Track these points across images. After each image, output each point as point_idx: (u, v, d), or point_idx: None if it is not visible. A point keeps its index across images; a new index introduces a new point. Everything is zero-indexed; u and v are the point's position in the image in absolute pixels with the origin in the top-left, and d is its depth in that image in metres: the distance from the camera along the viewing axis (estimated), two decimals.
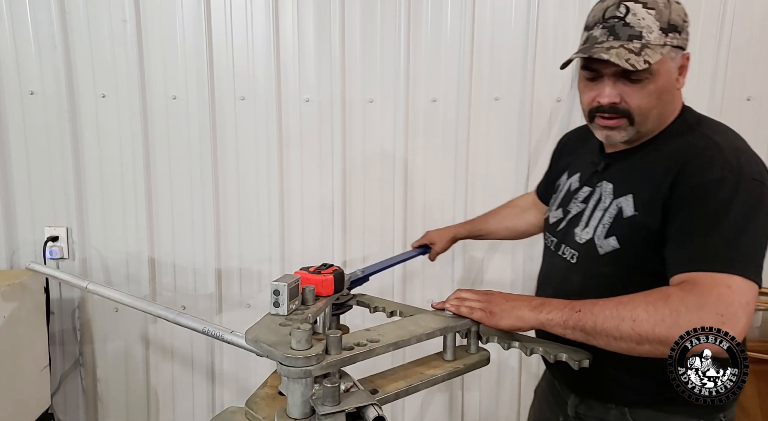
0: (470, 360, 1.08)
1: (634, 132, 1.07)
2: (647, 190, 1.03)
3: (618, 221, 1.06)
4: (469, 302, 1.06)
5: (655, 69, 1.00)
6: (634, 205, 1.04)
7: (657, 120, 1.06)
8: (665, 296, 0.89)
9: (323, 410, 0.83)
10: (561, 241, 1.19)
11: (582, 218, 1.14)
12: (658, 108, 1.05)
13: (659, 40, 1.00)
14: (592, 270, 1.10)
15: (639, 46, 1.00)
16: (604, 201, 1.10)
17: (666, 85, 1.03)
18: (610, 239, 1.06)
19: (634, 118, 1.05)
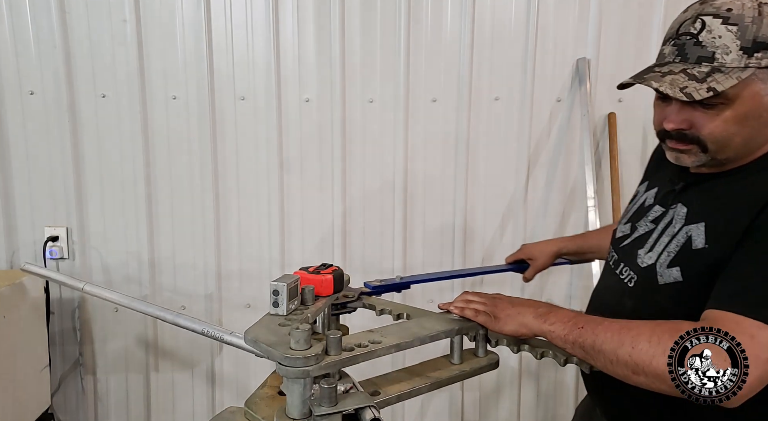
0: (477, 364, 1.06)
1: (709, 159, 0.95)
2: (723, 222, 0.90)
3: (685, 251, 0.93)
4: (475, 305, 1.04)
5: (732, 93, 0.87)
6: (705, 237, 0.91)
7: (742, 148, 0.93)
8: (676, 330, 0.81)
9: (319, 410, 0.83)
10: (621, 259, 1.09)
11: (648, 239, 1.02)
12: (741, 135, 0.91)
13: (738, 61, 0.87)
14: (649, 299, 0.99)
15: (707, 71, 0.88)
16: (674, 226, 0.98)
17: (752, 110, 0.89)
18: (673, 269, 0.94)
19: (707, 146, 0.93)
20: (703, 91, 0.87)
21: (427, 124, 2.13)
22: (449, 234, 2.20)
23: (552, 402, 2.32)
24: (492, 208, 2.19)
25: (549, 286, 2.23)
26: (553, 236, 2.19)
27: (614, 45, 2.07)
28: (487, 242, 2.21)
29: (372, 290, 1.38)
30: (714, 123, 0.90)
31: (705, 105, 0.90)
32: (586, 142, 2.05)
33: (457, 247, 2.19)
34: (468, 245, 2.20)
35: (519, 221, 2.18)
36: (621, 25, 2.07)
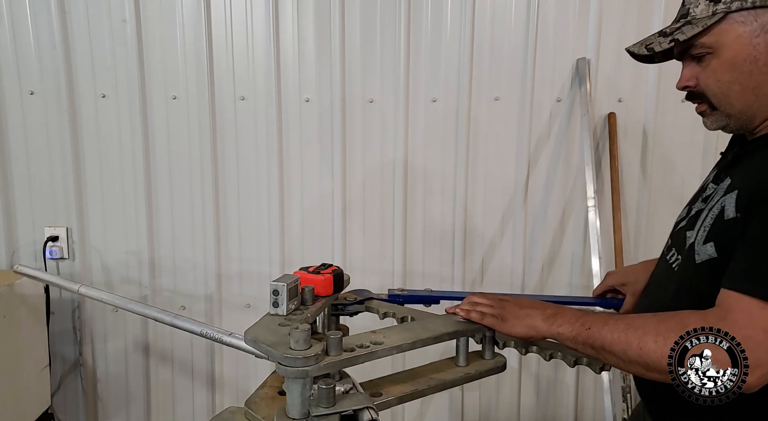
0: (483, 366, 1.05)
1: (725, 118, 0.92)
2: (753, 189, 0.83)
3: (718, 223, 0.87)
4: (481, 307, 1.03)
5: (710, 41, 0.88)
6: (735, 206, 0.85)
7: (749, 101, 0.89)
8: (682, 325, 0.80)
9: (317, 411, 0.82)
10: (673, 244, 1.04)
11: (698, 219, 0.95)
12: (739, 82, 0.88)
13: (706, 11, 0.88)
14: (688, 281, 0.94)
15: (677, 26, 0.91)
16: (715, 198, 0.91)
17: (741, 55, 0.87)
18: (707, 245, 0.88)
19: (712, 101, 0.92)
20: (665, 43, 0.91)
21: (427, 124, 2.13)
22: (449, 234, 2.20)
23: (552, 402, 2.32)
24: (492, 208, 2.18)
25: (549, 286, 2.23)
26: (552, 235, 2.20)
27: (614, 45, 2.07)
28: (487, 241, 2.21)
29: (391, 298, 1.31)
30: (706, 73, 0.91)
31: (697, 58, 0.91)
32: (586, 142, 2.05)
33: (457, 247, 2.19)
34: (468, 245, 2.20)
35: (519, 220, 2.18)
36: (621, 25, 2.07)
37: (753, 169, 0.88)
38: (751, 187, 0.84)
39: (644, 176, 2.16)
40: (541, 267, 2.22)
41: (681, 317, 0.83)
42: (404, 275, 2.20)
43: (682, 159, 2.14)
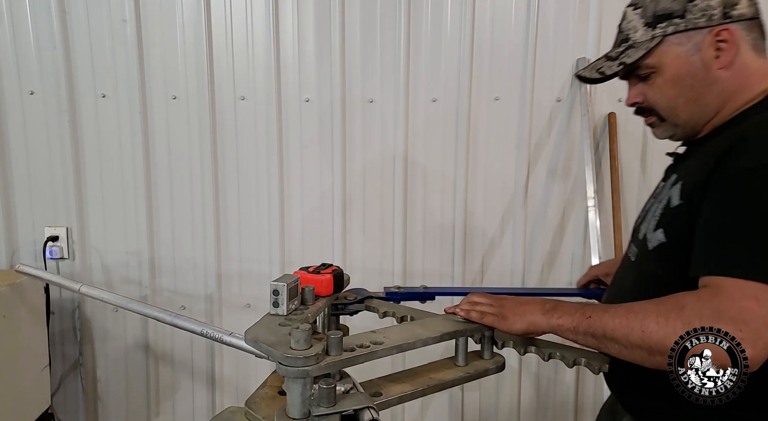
0: (483, 366, 1.06)
1: (673, 127, 1.03)
2: (692, 177, 0.91)
3: (666, 211, 0.95)
4: (481, 307, 1.04)
5: (653, 62, 0.99)
6: (680, 194, 0.92)
7: (694, 108, 0.98)
8: (679, 306, 0.82)
9: (318, 411, 0.82)
10: (632, 240, 1.12)
11: (648, 213, 1.04)
12: (682, 96, 0.98)
13: (645, 35, 0.99)
14: (644, 268, 1.01)
15: (621, 50, 1.03)
16: (664, 192, 1.00)
17: (681, 71, 0.97)
18: (657, 231, 0.96)
19: (660, 113, 1.03)
20: (614, 67, 1.02)
21: (427, 124, 2.13)
22: (449, 234, 2.20)
23: (552, 402, 2.32)
24: (492, 208, 2.19)
25: (549, 286, 2.23)
26: (553, 235, 2.20)
27: None
28: (488, 241, 2.21)
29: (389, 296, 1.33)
30: (653, 90, 1.01)
31: (643, 78, 1.02)
32: (586, 142, 2.05)
33: (457, 247, 2.19)
34: (468, 245, 2.20)
35: (519, 220, 2.18)
36: None
37: (695, 163, 0.96)
38: (694, 177, 0.90)
39: (644, 176, 2.16)
40: (541, 267, 2.22)
41: (676, 298, 0.84)
42: (404, 274, 2.20)
43: None
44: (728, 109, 0.97)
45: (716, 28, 0.94)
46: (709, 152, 0.91)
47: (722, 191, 0.85)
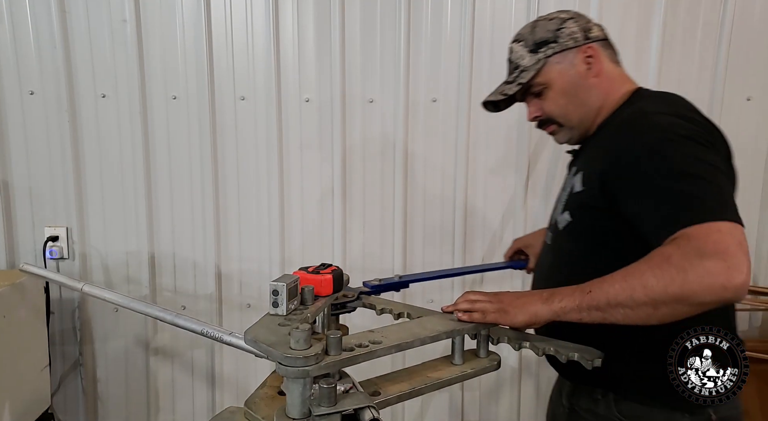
0: (479, 364, 1.07)
1: (570, 130, 1.25)
2: (590, 167, 1.12)
3: (570, 196, 1.17)
4: (480, 304, 1.06)
5: (542, 80, 1.21)
6: (582, 182, 1.12)
7: (583, 110, 1.21)
8: (666, 256, 0.89)
9: (318, 410, 0.83)
10: (549, 228, 1.31)
11: (558, 202, 1.27)
12: (572, 103, 1.21)
13: (531, 60, 1.21)
14: (557, 247, 1.21)
15: (515, 75, 1.24)
16: (569, 182, 1.21)
17: (566, 85, 1.20)
18: (564, 213, 1.17)
19: (557, 120, 1.24)
20: (513, 87, 1.24)
21: (427, 124, 2.13)
22: (449, 234, 2.20)
23: None
24: (492, 208, 2.19)
25: None
26: None
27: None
28: (488, 242, 2.21)
29: (371, 289, 1.38)
30: (547, 103, 1.23)
31: (537, 94, 1.24)
32: None
33: (457, 247, 2.19)
34: (468, 245, 2.20)
35: (519, 220, 2.18)
36: (621, 25, 2.07)
37: (589, 155, 1.18)
38: (592, 167, 1.10)
39: None
40: None
41: (658, 252, 0.91)
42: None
43: None
44: (605, 109, 1.20)
45: (582, 47, 1.19)
46: (598, 145, 1.16)
47: (633, 178, 1.00)
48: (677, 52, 2.07)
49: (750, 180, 2.15)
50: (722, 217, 0.89)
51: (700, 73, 2.08)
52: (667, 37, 2.06)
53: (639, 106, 1.12)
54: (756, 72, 2.08)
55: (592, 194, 1.08)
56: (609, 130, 1.14)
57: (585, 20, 1.22)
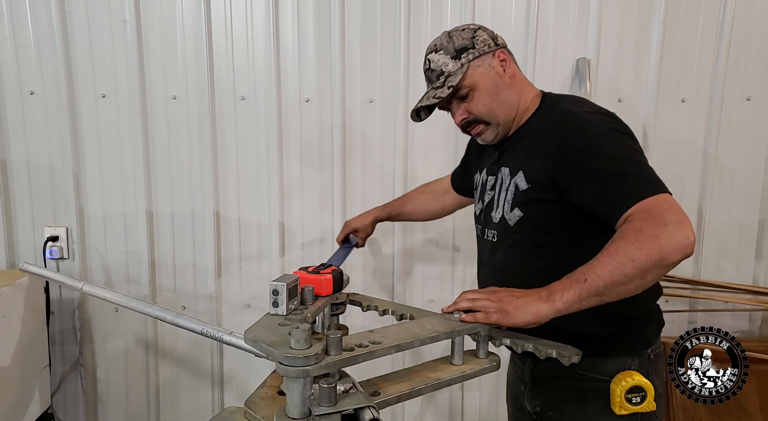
0: (479, 365, 1.07)
1: (496, 127, 1.30)
2: (533, 165, 1.21)
3: (517, 195, 1.24)
4: (481, 302, 1.06)
5: (468, 82, 1.26)
6: (525, 180, 1.21)
7: (505, 109, 1.29)
8: (636, 229, 1.00)
9: (318, 410, 0.83)
10: (484, 226, 1.37)
11: (494, 202, 1.32)
12: (497, 102, 1.28)
13: (455, 66, 1.27)
14: (509, 241, 1.28)
15: (442, 80, 1.28)
16: (505, 183, 1.28)
17: (489, 84, 1.27)
18: (515, 210, 1.24)
19: (485, 119, 1.29)
20: (445, 90, 1.27)
21: (428, 124, 2.12)
22: (449, 234, 2.20)
23: None
24: None
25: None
26: None
27: (614, 45, 2.08)
28: None
29: None
30: (474, 103, 1.28)
31: (464, 98, 1.28)
32: None
33: (457, 248, 2.19)
34: (468, 245, 2.20)
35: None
36: (621, 25, 2.07)
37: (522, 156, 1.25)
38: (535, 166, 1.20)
39: None
40: None
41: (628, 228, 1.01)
42: (404, 274, 2.20)
43: (682, 159, 2.14)
44: (522, 108, 1.30)
45: (496, 52, 1.29)
46: (532, 145, 1.23)
47: (582, 169, 1.11)
48: (677, 52, 2.07)
49: (750, 180, 2.15)
50: (662, 190, 1.04)
51: (700, 73, 2.08)
52: (667, 37, 2.06)
53: (562, 108, 1.23)
54: (756, 72, 2.08)
55: (540, 189, 1.19)
56: (542, 131, 1.23)
57: (490, 31, 1.32)
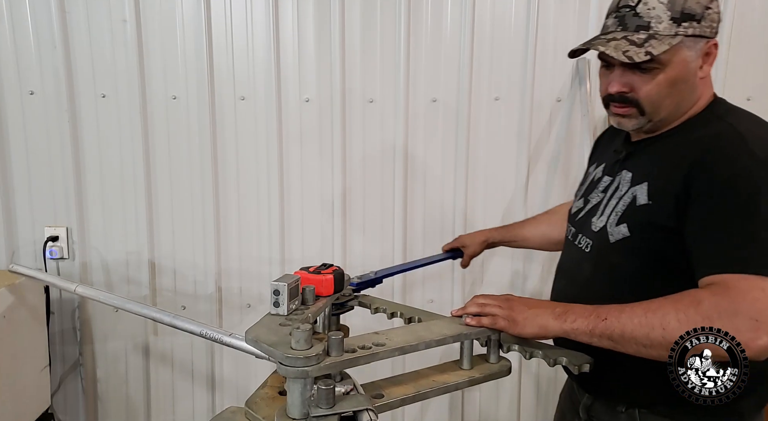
0: (489, 370, 1.04)
1: (646, 121, 1.05)
2: (662, 180, 1.00)
3: (631, 208, 1.03)
4: (490, 309, 1.03)
5: (665, 59, 0.98)
6: (647, 194, 1.01)
7: (673, 109, 1.04)
8: (696, 301, 0.86)
9: (316, 411, 0.82)
10: (578, 230, 1.18)
11: (600, 206, 1.12)
12: (671, 98, 1.02)
13: (669, 30, 0.98)
14: (603, 259, 1.08)
15: (644, 37, 0.99)
16: (621, 189, 1.08)
17: (681, 75, 1.00)
18: (620, 226, 1.04)
19: (644, 108, 1.03)
20: (641, 54, 0.97)
21: (427, 124, 2.13)
22: (449, 235, 2.19)
23: (552, 402, 2.32)
24: (492, 208, 2.19)
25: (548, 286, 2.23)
26: None
27: None
28: None
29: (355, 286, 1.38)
30: (649, 85, 1.01)
31: (643, 69, 1.00)
32: (586, 142, 2.05)
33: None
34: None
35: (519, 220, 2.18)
36: None
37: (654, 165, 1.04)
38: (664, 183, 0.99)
39: None
40: (541, 267, 2.22)
41: (691, 294, 0.88)
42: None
43: None
44: (690, 111, 1.06)
45: (713, 40, 1.02)
46: (669, 157, 1.02)
47: (709, 202, 0.92)
48: None
49: None
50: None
51: None
52: None
53: (730, 123, 1.00)
54: (756, 72, 2.08)
55: (662, 212, 0.98)
56: (691, 143, 1.00)
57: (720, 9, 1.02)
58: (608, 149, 1.23)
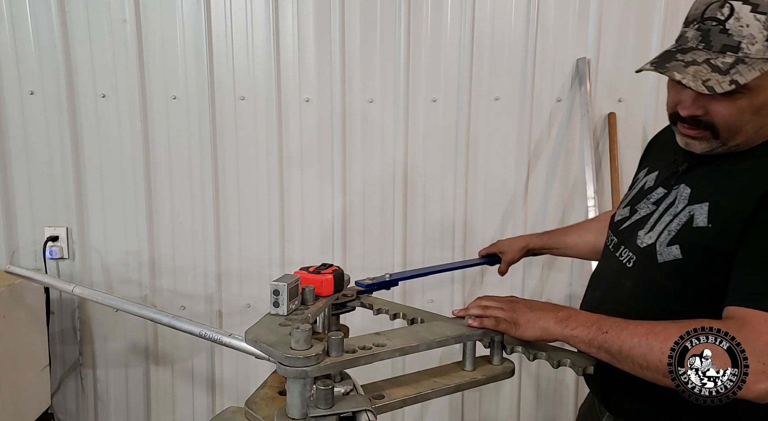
0: (491, 371, 1.03)
1: (719, 145, 0.93)
2: (729, 204, 0.89)
3: (686, 229, 0.93)
4: (492, 311, 1.02)
5: (752, 84, 0.85)
6: (708, 216, 0.91)
7: (752, 134, 0.92)
8: None
9: (315, 412, 0.82)
10: (621, 242, 1.08)
11: (649, 220, 1.02)
12: (753, 124, 0.90)
13: (763, 52, 0.85)
14: (647, 278, 0.99)
15: (731, 62, 0.85)
16: (677, 206, 0.97)
17: (765, 101, 0.88)
18: (672, 247, 0.94)
19: (719, 133, 0.92)
20: (725, 84, 0.84)
21: (427, 124, 2.13)
22: (449, 235, 2.20)
23: (552, 402, 2.32)
24: (492, 208, 2.19)
25: (548, 287, 2.23)
26: None
27: (614, 45, 2.07)
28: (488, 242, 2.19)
29: (365, 288, 1.38)
30: (729, 111, 0.89)
31: (724, 94, 0.86)
32: (586, 142, 2.05)
33: (457, 248, 2.19)
34: (468, 245, 2.20)
35: (519, 220, 2.18)
36: (621, 25, 2.07)
37: (721, 185, 0.93)
38: (729, 207, 0.89)
39: None
40: (541, 268, 2.22)
41: (702, 324, 0.83)
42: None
43: None
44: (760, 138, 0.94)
45: None
46: (739, 179, 0.91)
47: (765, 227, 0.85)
48: None
49: None
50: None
51: None
52: (667, 37, 2.06)
53: None
54: None
55: (722, 238, 0.88)
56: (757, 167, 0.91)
57: None
58: (664, 156, 1.10)
